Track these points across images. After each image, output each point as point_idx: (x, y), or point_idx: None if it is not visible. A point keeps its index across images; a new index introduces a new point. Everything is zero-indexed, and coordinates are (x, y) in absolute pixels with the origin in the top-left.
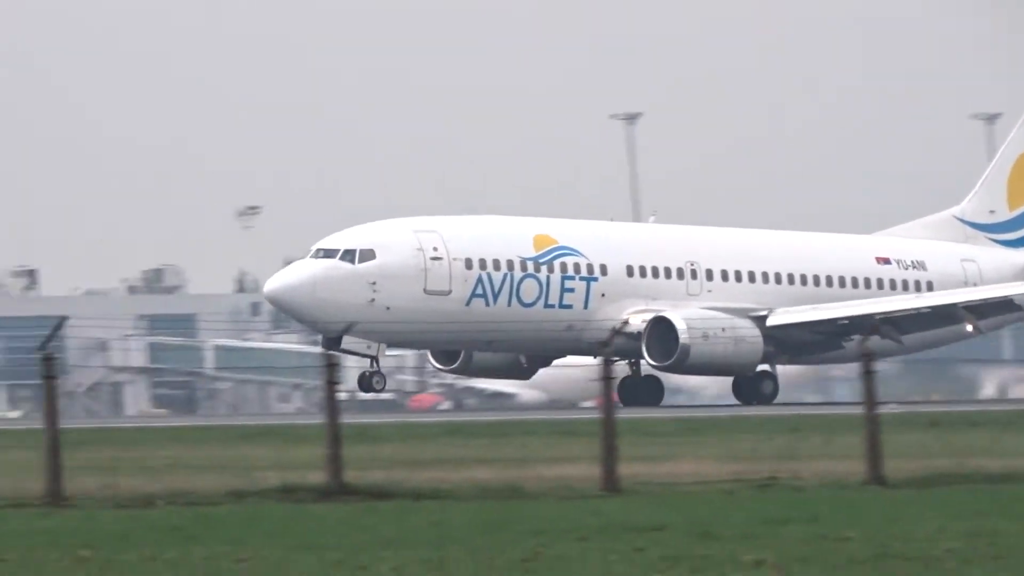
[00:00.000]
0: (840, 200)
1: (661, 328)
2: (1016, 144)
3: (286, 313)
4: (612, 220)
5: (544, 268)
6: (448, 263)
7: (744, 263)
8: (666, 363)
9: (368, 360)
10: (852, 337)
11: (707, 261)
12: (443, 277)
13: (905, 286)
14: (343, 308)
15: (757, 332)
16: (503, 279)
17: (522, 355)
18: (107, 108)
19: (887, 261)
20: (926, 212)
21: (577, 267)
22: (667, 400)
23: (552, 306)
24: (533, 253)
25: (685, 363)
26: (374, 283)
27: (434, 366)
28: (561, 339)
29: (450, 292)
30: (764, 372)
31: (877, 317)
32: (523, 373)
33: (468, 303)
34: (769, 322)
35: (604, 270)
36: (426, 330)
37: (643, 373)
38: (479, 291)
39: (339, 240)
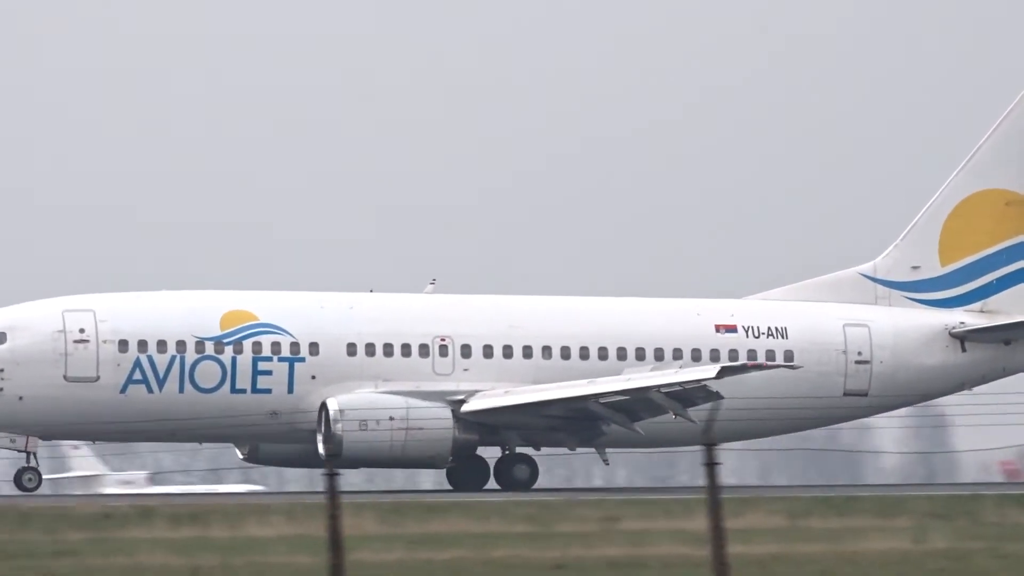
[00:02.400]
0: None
1: (325, 415)
2: (955, 190)
3: None
4: (372, 291)
5: (229, 348)
6: (96, 346)
7: (519, 337)
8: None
9: (24, 455)
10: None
11: (464, 336)
12: (88, 362)
13: (752, 357)
14: None
15: (446, 419)
16: (170, 362)
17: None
18: None
19: (732, 329)
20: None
21: (276, 346)
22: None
23: (242, 391)
24: (216, 332)
25: (342, 454)
26: (2, 370)
27: (239, 455)
28: (269, 426)
29: (98, 378)
30: (519, 455)
31: (592, 400)
32: (321, 463)
33: (124, 390)
34: (465, 408)
35: (314, 349)
36: (69, 422)
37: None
38: (137, 376)
39: None
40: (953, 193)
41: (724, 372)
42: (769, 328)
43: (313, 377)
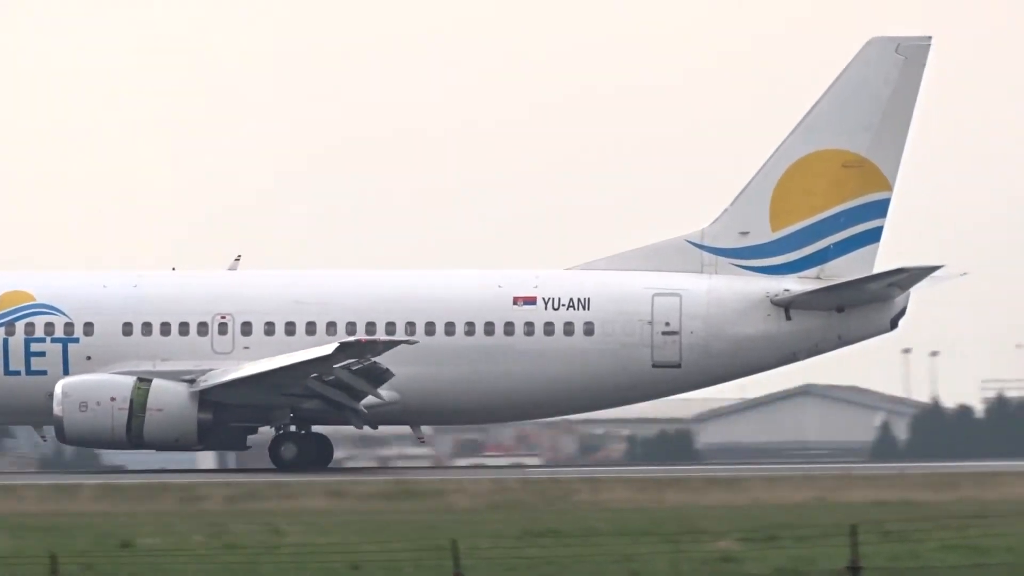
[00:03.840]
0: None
1: None
2: (789, 151)
3: None
4: (174, 269)
5: (2, 330)
6: None
7: (293, 312)
8: None
9: None
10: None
11: (246, 313)
12: None
13: (548, 330)
14: None
15: (181, 402)
16: None
17: None
18: None
19: (532, 301)
20: None
21: (50, 327)
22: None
23: (17, 372)
24: None
25: (64, 436)
26: None
27: (39, 438)
28: (49, 407)
29: None
30: (285, 434)
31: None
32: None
33: None
34: (201, 386)
35: (89, 329)
36: None
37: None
38: None
39: None
40: (786, 155)
41: (343, 348)
42: (571, 299)
43: (88, 358)
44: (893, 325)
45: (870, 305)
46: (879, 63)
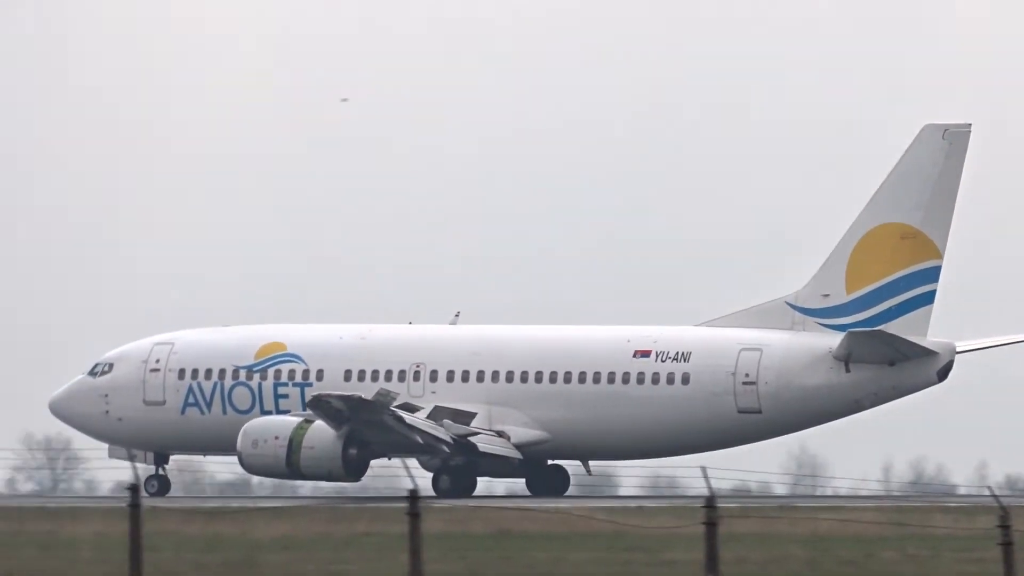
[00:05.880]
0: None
1: None
2: (860, 225)
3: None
4: (411, 323)
5: (257, 376)
6: (164, 374)
7: (470, 362)
8: None
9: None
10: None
11: (435, 362)
12: (158, 388)
13: (656, 380)
14: (84, 419)
15: (329, 440)
16: (213, 388)
17: None
18: None
19: (647, 354)
20: None
21: (292, 373)
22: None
23: (269, 412)
24: (251, 361)
25: (244, 468)
26: (106, 395)
27: None
28: None
29: (164, 402)
30: (443, 467)
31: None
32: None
33: (183, 412)
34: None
35: (320, 375)
36: (146, 439)
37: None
38: (191, 400)
39: (110, 352)
40: (859, 227)
41: (316, 400)
42: (677, 353)
43: None
44: (941, 377)
45: (918, 359)
46: (929, 147)
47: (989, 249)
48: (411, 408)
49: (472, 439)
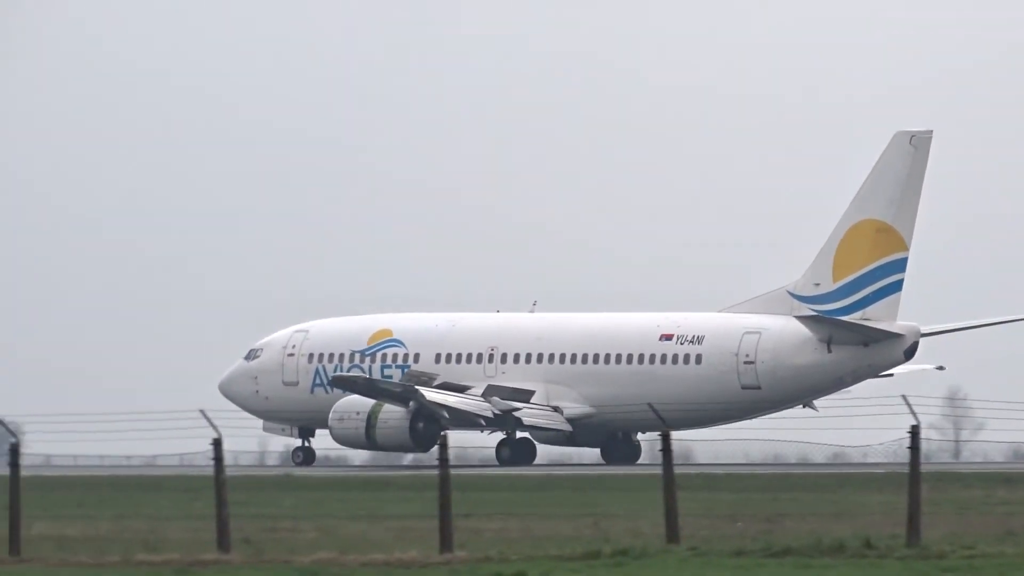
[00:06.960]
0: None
1: None
2: (846, 220)
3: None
4: (498, 311)
5: (368, 359)
6: (297, 358)
7: (534, 346)
8: None
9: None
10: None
11: (505, 346)
12: (292, 370)
13: (675, 360)
14: (242, 398)
15: (399, 416)
16: (335, 370)
17: None
18: None
19: (670, 338)
20: None
21: (395, 357)
22: None
23: None
24: (364, 346)
25: (335, 439)
26: (256, 377)
27: None
28: None
29: (297, 383)
30: (505, 439)
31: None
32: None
33: (312, 391)
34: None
35: (417, 358)
36: (286, 415)
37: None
38: (318, 381)
39: (262, 340)
40: (844, 222)
41: (336, 379)
42: (694, 336)
43: None
44: (908, 356)
45: (885, 342)
46: (899, 151)
47: (951, 242)
48: (457, 388)
49: (517, 413)
